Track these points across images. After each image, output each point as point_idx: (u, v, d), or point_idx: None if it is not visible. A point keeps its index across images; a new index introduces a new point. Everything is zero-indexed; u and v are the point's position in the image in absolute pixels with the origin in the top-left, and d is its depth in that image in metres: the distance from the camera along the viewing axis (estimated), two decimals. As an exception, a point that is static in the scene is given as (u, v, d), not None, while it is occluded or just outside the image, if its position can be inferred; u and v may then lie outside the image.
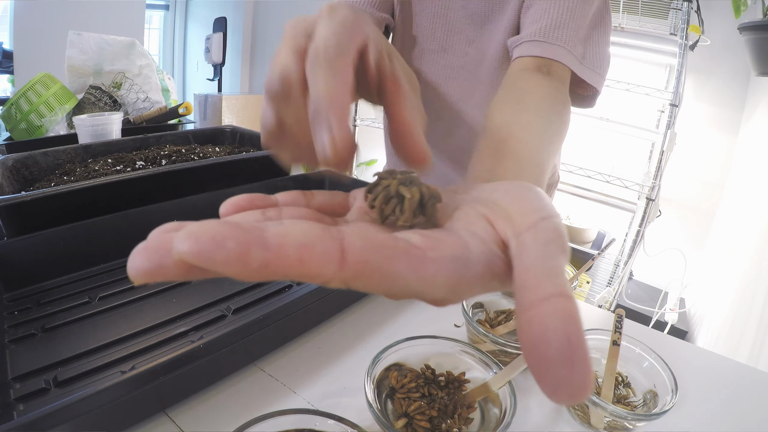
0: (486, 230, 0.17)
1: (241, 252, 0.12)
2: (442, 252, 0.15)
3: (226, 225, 0.12)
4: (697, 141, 1.73)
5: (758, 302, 1.08)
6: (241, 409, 0.35)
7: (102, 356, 0.38)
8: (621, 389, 0.39)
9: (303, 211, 0.20)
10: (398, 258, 0.14)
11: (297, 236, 0.13)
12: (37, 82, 1.00)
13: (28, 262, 0.47)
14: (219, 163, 0.67)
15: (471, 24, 0.60)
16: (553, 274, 0.14)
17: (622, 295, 1.60)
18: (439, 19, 0.62)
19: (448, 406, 0.33)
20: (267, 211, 0.18)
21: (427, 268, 0.14)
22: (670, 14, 1.59)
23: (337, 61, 0.19)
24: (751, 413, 0.40)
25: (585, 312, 0.54)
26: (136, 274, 0.12)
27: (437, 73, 0.65)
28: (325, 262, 0.13)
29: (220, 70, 2.75)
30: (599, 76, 0.52)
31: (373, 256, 0.13)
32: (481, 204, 0.19)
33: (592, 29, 0.51)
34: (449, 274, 0.15)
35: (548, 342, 0.12)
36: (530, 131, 0.35)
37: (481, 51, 0.61)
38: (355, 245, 0.13)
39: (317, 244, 0.13)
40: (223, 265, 0.12)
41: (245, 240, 0.12)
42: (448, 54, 0.63)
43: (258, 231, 0.12)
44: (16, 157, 0.67)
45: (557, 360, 0.12)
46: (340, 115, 0.18)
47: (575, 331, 0.12)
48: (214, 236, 0.12)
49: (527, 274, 0.14)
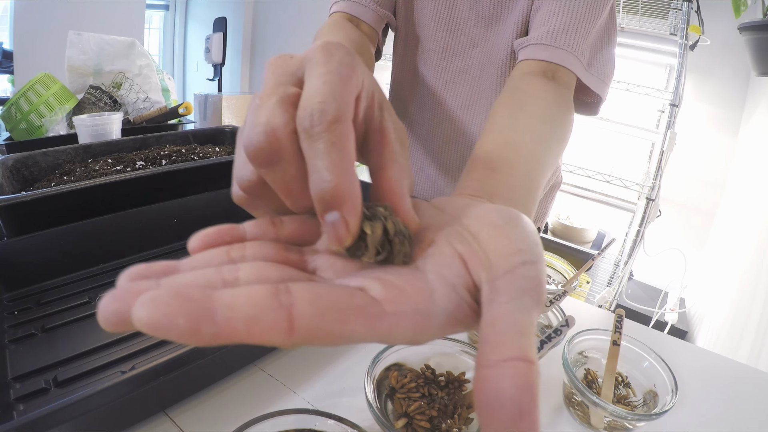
0: (458, 273, 0.17)
1: (192, 329, 0.12)
2: (402, 306, 0.15)
3: (178, 297, 0.13)
4: (697, 141, 1.73)
5: (758, 302, 1.08)
6: (241, 409, 0.35)
7: (102, 356, 0.38)
8: (621, 389, 0.39)
9: (267, 248, 0.18)
10: (351, 318, 0.14)
11: (244, 309, 0.13)
12: (37, 82, 1.00)
13: (28, 262, 0.47)
14: (219, 163, 0.67)
15: (477, 25, 0.59)
16: (520, 333, 0.14)
17: (622, 295, 1.60)
18: (441, 19, 0.61)
19: (448, 406, 0.33)
20: (231, 250, 0.18)
21: (383, 325, 0.14)
22: (670, 14, 1.59)
23: (339, 129, 0.16)
24: (751, 413, 0.40)
25: (585, 312, 0.54)
26: (105, 324, 0.13)
27: (438, 77, 0.64)
28: (273, 333, 0.13)
29: (220, 70, 2.75)
30: (604, 84, 0.51)
31: (323, 321, 0.14)
32: (460, 239, 0.18)
33: (599, 37, 0.51)
34: (407, 327, 0.15)
35: (500, 406, 0.12)
36: (531, 137, 0.34)
37: (487, 55, 0.60)
38: (304, 312, 0.14)
39: (264, 315, 0.13)
40: (176, 338, 0.12)
41: (196, 315, 0.12)
42: (450, 55, 0.62)
43: (207, 302, 0.13)
44: (16, 157, 0.67)
45: (505, 426, 0.12)
46: (354, 205, 0.16)
47: (528, 400, 0.12)
48: (167, 313, 0.12)
49: (493, 329, 0.14)
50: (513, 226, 0.18)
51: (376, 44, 0.64)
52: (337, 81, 0.17)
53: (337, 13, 0.61)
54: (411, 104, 0.69)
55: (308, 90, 0.17)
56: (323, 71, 0.18)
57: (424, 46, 0.64)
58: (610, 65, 0.52)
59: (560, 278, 0.53)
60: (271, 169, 0.17)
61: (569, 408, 0.38)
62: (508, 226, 0.18)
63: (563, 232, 1.94)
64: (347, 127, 0.17)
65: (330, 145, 0.16)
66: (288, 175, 0.17)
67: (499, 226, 0.18)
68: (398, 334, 0.15)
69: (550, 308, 0.43)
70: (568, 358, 0.36)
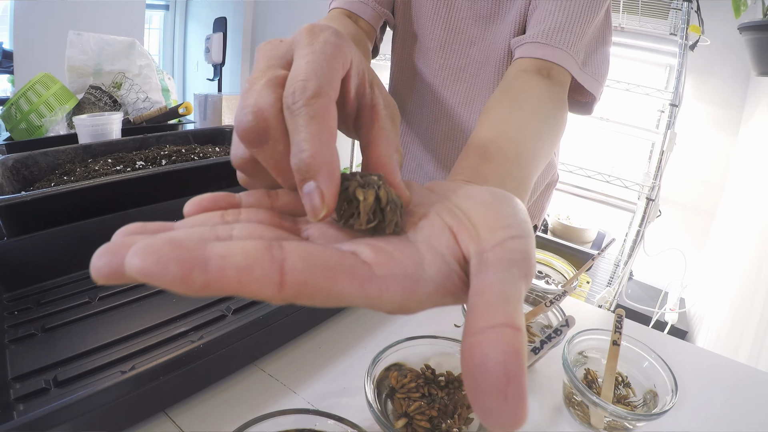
0: (448, 244, 0.17)
1: (184, 275, 0.12)
2: (391, 269, 0.15)
3: (171, 244, 0.13)
4: (697, 141, 1.73)
5: (758, 302, 1.08)
6: (241, 409, 0.35)
7: (102, 356, 0.38)
8: (621, 389, 0.39)
9: (262, 214, 0.19)
10: (341, 277, 0.14)
11: (236, 258, 0.13)
12: (37, 82, 1.00)
13: (28, 262, 0.47)
14: (219, 163, 0.67)
15: (475, 24, 0.60)
16: (507, 302, 0.14)
17: (622, 295, 1.60)
18: (439, 18, 0.62)
19: (448, 406, 0.33)
20: (226, 214, 0.18)
21: (372, 287, 0.14)
22: (670, 14, 1.59)
23: (319, 104, 0.17)
24: (751, 413, 0.40)
25: (585, 312, 0.54)
26: (97, 276, 0.13)
27: (436, 74, 0.65)
28: (263, 285, 0.13)
29: (220, 70, 2.75)
30: (598, 83, 0.52)
31: (313, 276, 0.14)
32: (450, 214, 0.18)
33: (594, 37, 0.51)
34: (396, 291, 0.15)
35: (486, 372, 0.12)
36: (524, 131, 0.35)
37: (484, 53, 0.60)
38: (295, 266, 0.14)
39: (256, 266, 0.13)
40: (168, 284, 0.12)
41: (187, 262, 0.12)
42: (448, 53, 0.63)
43: (200, 251, 0.13)
44: (16, 157, 0.67)
45: (493, 391, 0.12)
46: (329, 174, 0.17)
47: (515, 364, 0.12)
48: (159, 258, 0.12)
49: (480, 298, 0.14)
50: (503, 203, 0.18)
51: (374, 41, 0.64)
52: (321, 59, 0.18)
53: (335, 9, 0.62)
54: (409, 102, 0.70)
55: (293, 70, 0.18)
56: (307, 51, 0.18)
57: (422, 44, 0.65)
58: (605, 65, 0.53)
59: (560, 278, 0.53)
60: (261, 148, 0.18)
61: (569, 408, 0.38)
62: (497, 203, 0.18)
63: (563, 232, 1.94)
64: (327, 101, 0.17)
65: (308, 118, 0.17)
66: (277, 153, 0.18)
67: (489, 203, 0.18)
68: (386, 298, 0.15)
69: (550, 308, 0.43)
70: (568, 358, 0.36)
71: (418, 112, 0.69)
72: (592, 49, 0.51)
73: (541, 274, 0.56)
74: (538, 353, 0.32)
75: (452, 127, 0.66)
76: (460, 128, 0.66)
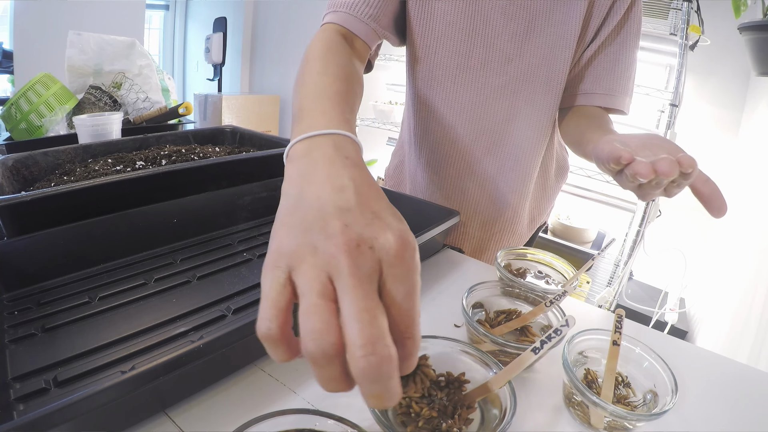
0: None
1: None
2: None
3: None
4: (697, 141, 1.73)
5: (758, 302, 1.08)
6: (241, 409, 0.35)
7: (102, 356, 0.38)
8: (621, 389, 0.39)
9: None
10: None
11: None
12: (37, 82, 1.00)
13: (28, 262, 0.47)
14: (219, 163, 0.67)
15: (510, 41, 0.63)
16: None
17: (622, 295, 1.60)
18: (477, 35, 0.64)
19: (447, 407, 0.33)
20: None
21: None
22: (670, 14, 1.59)
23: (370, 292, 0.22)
24: (751, 413, 0.40)
25: (585, 312, 0.54)
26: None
27: (478, 92, 0.67)
28: None
29: (220, 70, 2.75)
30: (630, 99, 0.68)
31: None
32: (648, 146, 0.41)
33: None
34: None
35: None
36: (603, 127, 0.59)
37: (522, 70, 0.65)
38: None
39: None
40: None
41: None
42: (487, 72, 0.66)
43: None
44: (16, 157, 0.67)
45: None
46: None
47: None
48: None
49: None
50: (652, 135, 0.38)
51: (367, 60, 0.62)
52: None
53: (329, 25, 0.58)
54: (442, 122, 0.71)
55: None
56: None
57: (459, 64, 0.66)
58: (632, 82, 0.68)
59: (560, 278, 0.54)
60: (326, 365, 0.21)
61: (569, 408, 0.38)
62: (650, 135, 0.39)
63: (563, 232, 1.94)
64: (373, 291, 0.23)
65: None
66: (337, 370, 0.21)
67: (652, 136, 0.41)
68: None
69: (550, 308, 0.43)
70: (568, 358, 0.36)
71: (455, 131, 0.71)
72: (631, 77, 0.68)
73: (541, 274, 0.56)
74: (538, 353, 0.32)
75: (494, 143, 0.70)
76: (502, 143, 0.70)
